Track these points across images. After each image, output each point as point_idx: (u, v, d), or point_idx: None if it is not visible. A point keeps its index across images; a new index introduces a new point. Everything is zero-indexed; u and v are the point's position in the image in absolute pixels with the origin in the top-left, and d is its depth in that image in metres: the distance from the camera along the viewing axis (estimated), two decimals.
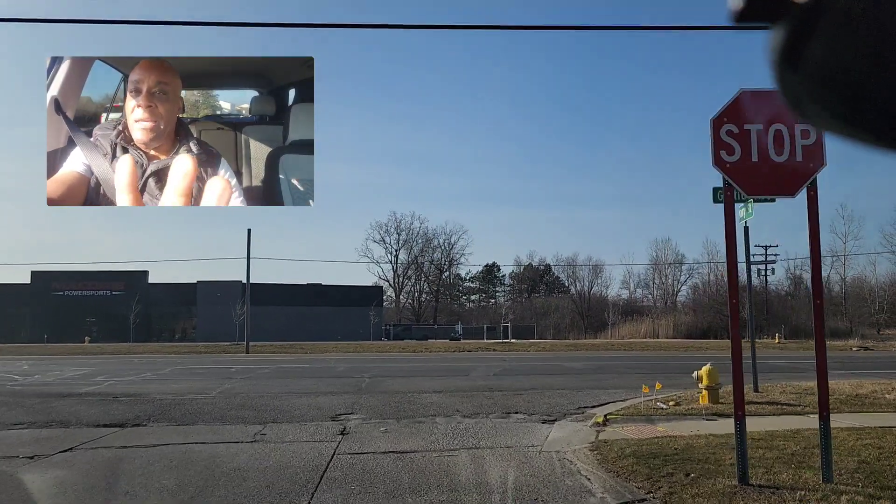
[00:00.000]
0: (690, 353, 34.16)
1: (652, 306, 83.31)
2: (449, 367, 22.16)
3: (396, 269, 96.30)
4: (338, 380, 17.22)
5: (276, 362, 25.77)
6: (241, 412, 11.30)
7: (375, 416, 10.89)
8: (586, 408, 11.64)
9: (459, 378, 17.60)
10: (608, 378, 17.23)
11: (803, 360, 25.80)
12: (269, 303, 69.87)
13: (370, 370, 20.44)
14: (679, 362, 24.70)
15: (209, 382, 16.61)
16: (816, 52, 0.68)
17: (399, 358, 29.06)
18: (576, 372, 19.43)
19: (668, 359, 26.99)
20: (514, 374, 18.65)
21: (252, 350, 40.23)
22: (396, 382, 16.33)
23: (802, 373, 18.88)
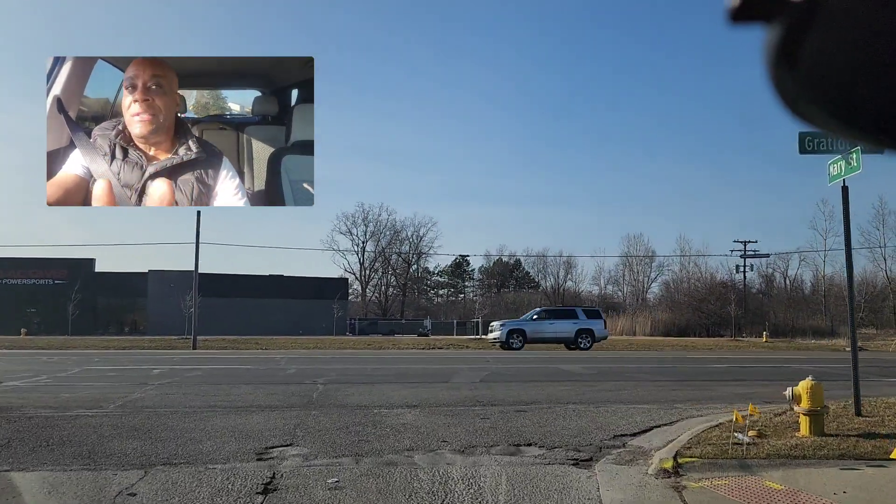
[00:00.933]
0: (691, 353, 31.14)
1: (624, 303, 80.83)
2: (423, 369, 18.62)
3: (363, 262, 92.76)
4: (284, 387, 13.61)
5: (220, 361, 22.00)
6: (127, 443, 7.69)
7: (324, 450, 7.39)
8: (624, 436, 8.27)
9: (438, 385, 14.11)
10: (624, 387, 13.88)
11: (819, 362, 22.88)
12: (227, 294, 65.75)
13: (327, 373, 16.82)
14: (692, 366, 21.54)
15: (117, 389, 12.89)
16: (812, 51, 0.67)
17: (364, 356, 25.48)
18: (578, 378, 16.06)
19: (675, 361, 23.78)
20: (505, 381, 15.21)
21: (202, 345, 36.32)
22: (358, 391, 12.78)
23: (846, 380, 15.79)
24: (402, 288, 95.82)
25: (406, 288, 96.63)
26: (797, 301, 73.49)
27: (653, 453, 7.30)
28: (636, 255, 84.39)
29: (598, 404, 11.04)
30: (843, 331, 59.06)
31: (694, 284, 74.77)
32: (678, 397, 12.02)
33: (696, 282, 75.29)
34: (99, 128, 5.42)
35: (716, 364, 21.91)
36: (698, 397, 12.03)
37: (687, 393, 12.72)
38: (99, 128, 5.42)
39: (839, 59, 0.67)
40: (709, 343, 44.67)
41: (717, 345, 41.83)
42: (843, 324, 64.43)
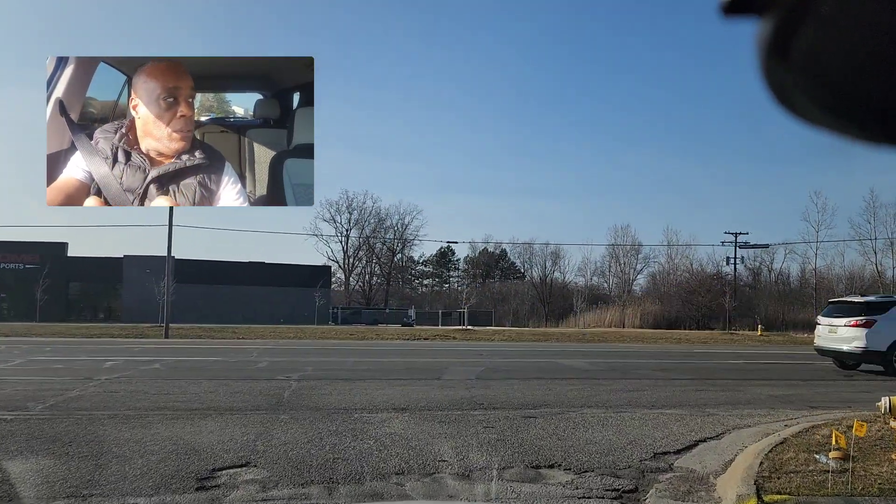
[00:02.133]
0: (695, 347, 29.65)
1: (613, 294, 79.51)
2: (411, 363, 16.89)
3: (347, 250, 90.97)
4: (252, 384, 11.86)
5: (187, 352, 20.17)
6: (31, 462, 5.93)
7: (289, 473, 5.68)
8: (667, 454, 6.63)
9: (429, 383, 12.41)
10: (641, 387, 12.25)
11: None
12: (206, 281, 63.78)
13: (303, 367, 15.05)
14: (705, 362, 20.00)
15: (54, 385, 11.07)
16: (805, 44, 0.66)
17: (345, 347, 23.74)
18: (585, 375, 14.42)
19: (683, 356, 22.16)
20: (504, 377, 13.53)
21: (176, 334, 34.47)
22: (337, 390, 11.05)
23: (884, 379, 14.32)
24: (387, 277, 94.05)
25: (390, 277, 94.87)
26: (785, 294, 72.61)
27: (711, 480, 5.67)
28: (622, 245, 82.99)
29: (619, 409, 9.40)
30: None
31: (683, 276, 73.48)
32: (707, 400, 10.41)
33: (685, 272, 74.02)
34: (101, 130, 5.08)
35: (731, 360, 20.32)
36: (730, 400, 10.42)
37: (715, 395, 11.11)
38: (101, 130, 5.08)
39: (833, 51, 0.66)
40: (702, 336, 43.27)
41: (712, 338, 40.47)
42: None
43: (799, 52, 0.67)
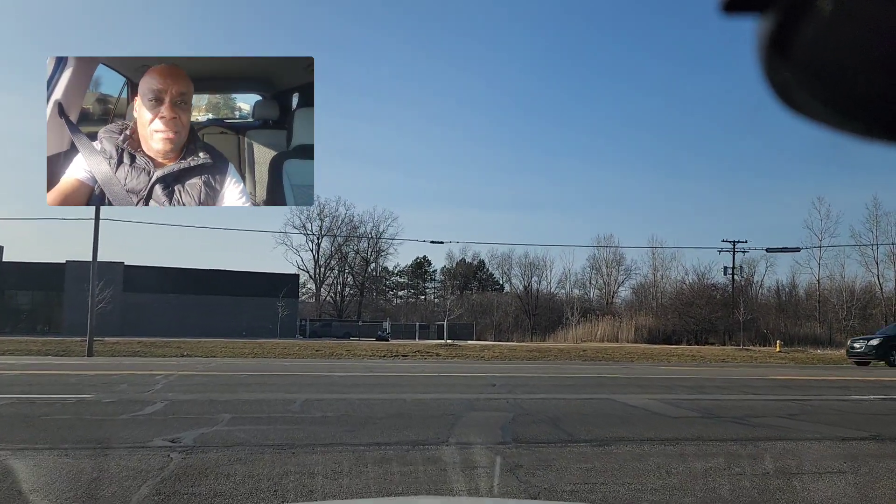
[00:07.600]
0: (730, 369, 24.37)
1: (604, 307, 74.55)
2: (395, 405, 11.20)
3: (318, 259, 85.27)
4: (88, 461, 6.25)
5: (60, 380, 14.41)
6: None
7: None
8: None
9: (434, 453, 6.87)
10: (794, 452, 6.81)
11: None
12: (156, 290, 57.66)
13: (217, 413, 9.22)
14: (816, 398, 14.64)
15: None
16: (806, 40, 0.65)
17: (306, 371, 18.09)
18: (677, 424, 8.92)
19: (770, 388, 16.74)
20: (564, 440, 7.98)
21: (107, 350, 28.93)
22: (250, 478, 5.47)
23: None
24: (360, 287, 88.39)
25: (364, 288, 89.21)
26: (786, 307, 68.28)
27: None
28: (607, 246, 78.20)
29: None
30: (841, 339, 53.75)
31: (678, 286, 68.80)
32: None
33: (681, 283, 69.34)
34: (104, 130, 4.70)
35: (838, 394, 15.04)
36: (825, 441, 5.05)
37: (811, 440, 5.78)
38: (104, 130, 4.70)
39: (835, 47, 0.65)
40: (716, 353, 38.12)
41: (730, 356, 35.29)
42: (840, 332, 59.13)
43: (800, 49, 0.66)
